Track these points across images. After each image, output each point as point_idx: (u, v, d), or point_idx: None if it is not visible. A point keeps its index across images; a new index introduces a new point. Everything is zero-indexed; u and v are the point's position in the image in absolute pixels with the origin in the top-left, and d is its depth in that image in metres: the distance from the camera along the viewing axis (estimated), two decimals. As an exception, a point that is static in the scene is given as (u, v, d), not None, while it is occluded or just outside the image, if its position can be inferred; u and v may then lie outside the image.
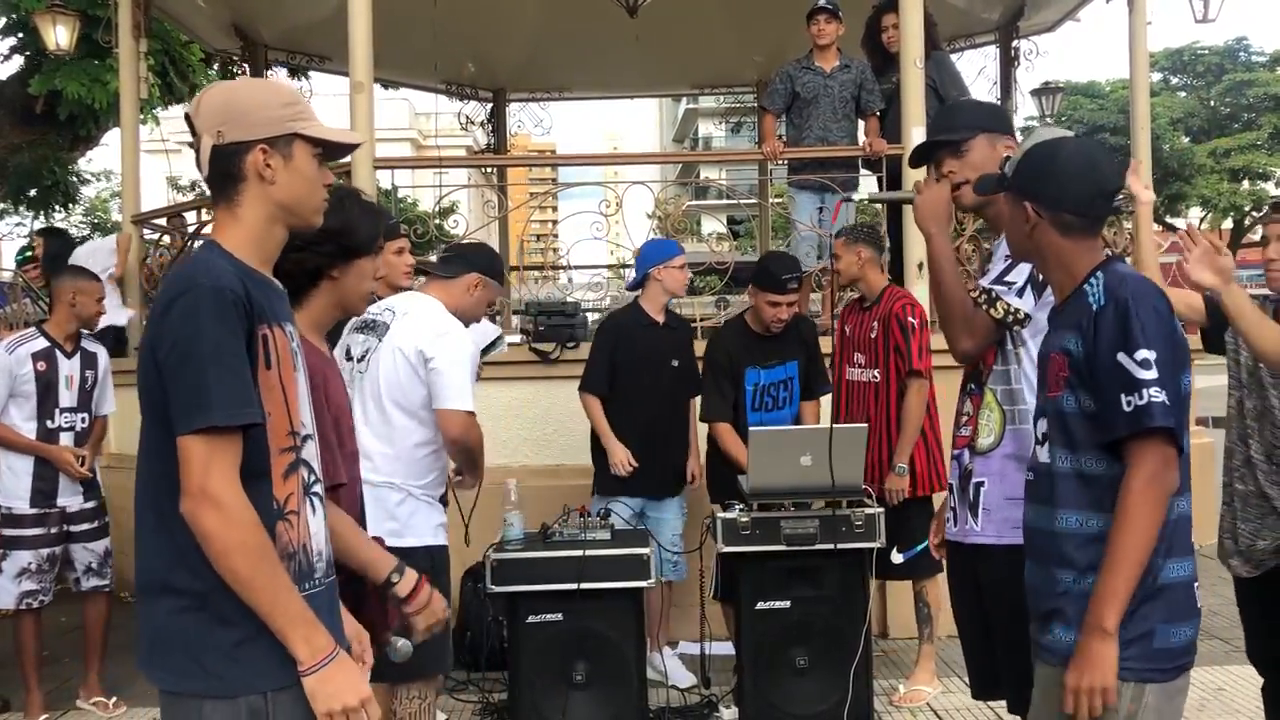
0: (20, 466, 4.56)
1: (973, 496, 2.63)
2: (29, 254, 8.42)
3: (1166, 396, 1.97)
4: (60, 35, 9.32)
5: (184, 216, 7.66)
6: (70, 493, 4.64)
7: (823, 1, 6.09)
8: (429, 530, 3.28)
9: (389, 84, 10.32)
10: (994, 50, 8.87)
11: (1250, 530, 3.11)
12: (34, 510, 4.55)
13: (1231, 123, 29.04)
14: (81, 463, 4.63)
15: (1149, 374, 1.97)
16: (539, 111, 10.64)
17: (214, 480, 1.69)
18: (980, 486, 2.61)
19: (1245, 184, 28.14)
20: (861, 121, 6.31)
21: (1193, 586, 2.07)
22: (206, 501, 1.68)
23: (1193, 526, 2.10)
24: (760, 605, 4.02)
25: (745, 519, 3.98)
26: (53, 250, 6.98)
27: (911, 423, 4.46)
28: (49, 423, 4.60)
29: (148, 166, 7.52)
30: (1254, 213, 27.68)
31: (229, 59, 9.54)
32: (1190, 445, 2.06)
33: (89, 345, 4.80)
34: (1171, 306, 2.08)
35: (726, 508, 4.05)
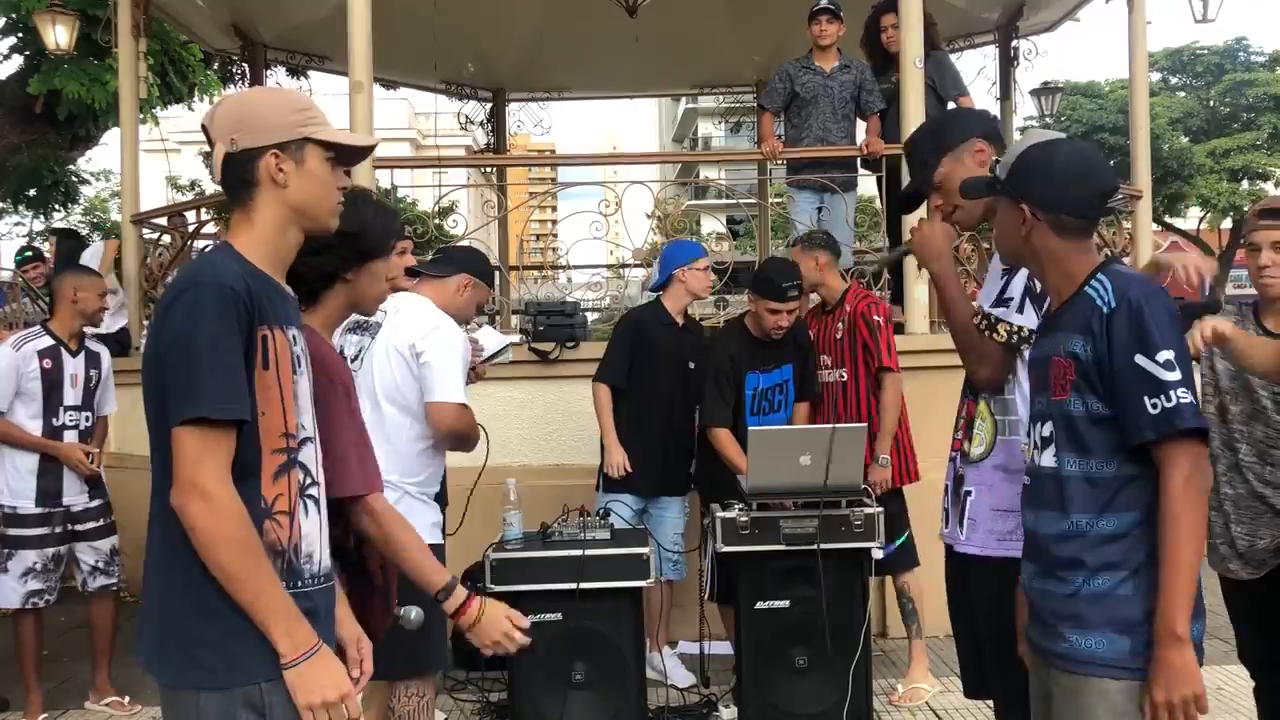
0: (25, 465, 4.55)
1: (962, 504, 2.63)
2: (29, 254, 8.43)
3: (1192, 396, 1.96)
4: (60, 35, 9.32)
5: (184, 216, 7.66)
6: (75, 491, 4.63)
7: (825, 2, 6.10)
8: (425, 529, 3.28)
9: (388, 84, 10.31)
10: (993, 50, 8.87)
11: (1247, 532, 3.09)
12: (39, 510, 4.54)
13: (1231, 123, 29.00)
14: (91, 459, 4.63)
15: (1174, 375, 1.96)
16: (538, 111, 10.64)
17: (203, 473, 1.71)
18: (969, 496, 2.61)
19: (1245, 184, 28.09)
20: (862, 122, 6.31)
21: (1200, 586, 2.04)
22: (195, 493, 1.71)
23: None
24: (759, 605, 4.02)
25: (744, 518, 3.98)
26: (66, 250, 6.99)
27: (890, 414, 4.56)
28: (54, 420, 4.59)
29: (147, 166, 7.51)
30: (1253, 213, 27.58)
31: (228, 59, 9.54)
32: None
33: (92, 345, 4.81)
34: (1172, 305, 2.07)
35: (726, 507, 4.05)
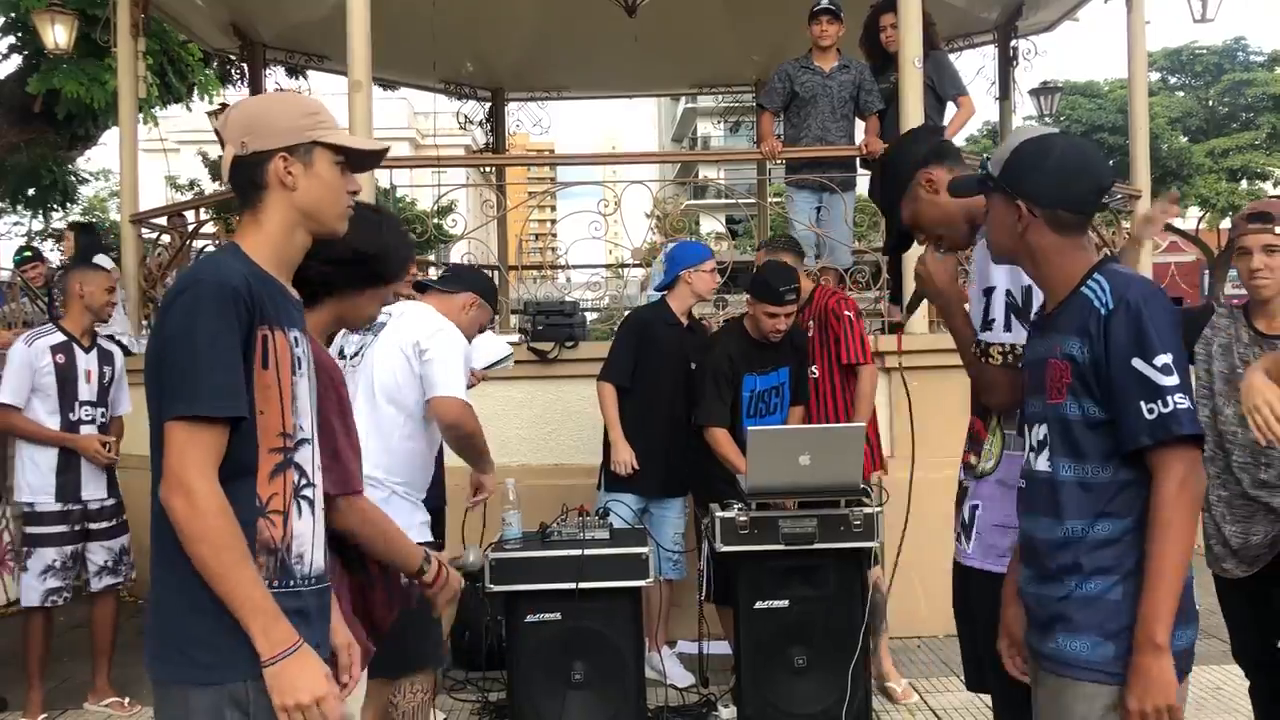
0: (45, 461, 4.57)
1: (967, 517, 2.65)
2: (28, 254, 8.42)
3: (1190, 401, 1.93)
4: (59, 35, 9.32)
5: (183, 215, 7.66)
6: (94, 487, 4.65)
7: (825, 3, 6.10)
8: (414, 528, 3.29)
9: (387, 84, 10.31)
10: (992, 50, 8.88)
11: (1240, 530, 3.11)
12: (58, 506, 4.56)
13: (1230, 122, 29.01)
14: (109, 449, 4.64)
15: (1171, 380, 1.92)
16: (537, 111, 10.64)
17: (189, 468, 1.72)
18: (975, 510, 2.63)
19: (1244, 184, 28.09)
20: (861, 122, 6.32)
21: (1190, 591, 2.01)
22: (179, 488, 1.72)
23: None
24: (759, 605, 4.02)
25: (744, 518, 3.98)
26: (83, 245, 6.97)
27: (864, 404, 4.67)
28: (70, 416, 4.61)
29: (146, 166, 7.51)
30: (1252, 213, 27.59)
31: (227, 58, 9.54)
32: None
33: (105, 344, 4.83)
34: (1173, 307, 2.03)
35: (725, 507, 4.05)
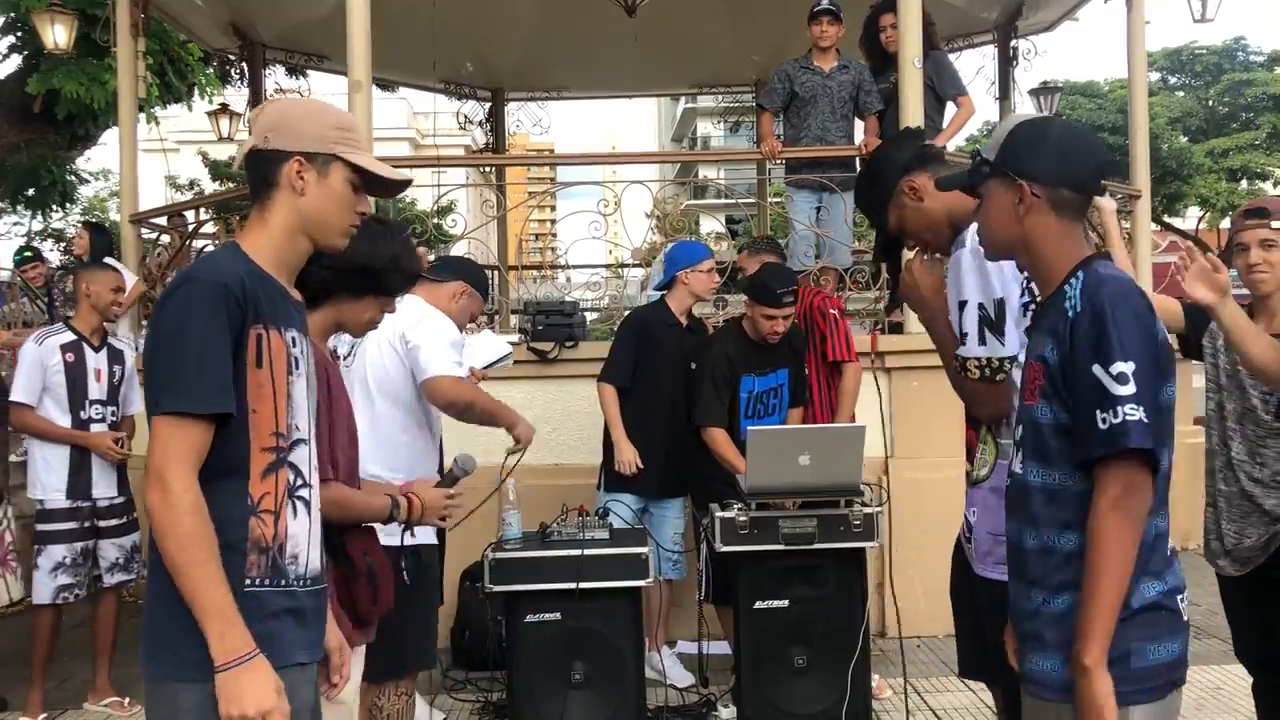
0: (56, 459, 4.59)
1: (967, 524, 2.66)
2: (28, 254, 8.43)
3: (1145, 413, 1.82)
4: (58, 34, 9.32)
5: (183, 216, 7.67)
6: (104, 485, 4.66)
7: (825, 3, 6.10)
8: (419, 529, 3.28)
9: (385, 85, 10.30)
10: (992, 50, 8.87)
11: (1235, 530, 3.13)
12: (67, 503, 4.58)
13: (1230, 122, 29.01)
14: (121, 445, 4.65)
15: (1125, 389, 1.82)
16: (537, 111, 10.64)
17: (167, 463, 1.73)
18: (974, 516, 2.64)
19: (1243, 183, 28.09)
20: (860, 121, 6.32)
21: (1176, 599, 1.93)
22: (156, 482, 1.73)
23: (1186, 528, 2.00)
24: (758, 605, 4.02)
25: (743, 518, 3.98)
26: (97, 244, 6.96)
27: (848, 400, 4.72)
28: (81, 414, 4.64)
29: (146, 166, 7.51)
30: (1252, 213, 27.60)
31: (227, 58, 9.53)
32: (1172, 455, 1.92)
33: (115, 343, 4.84)
34: (1154, 310, 1.93)
35: (725, 507, 4.05)
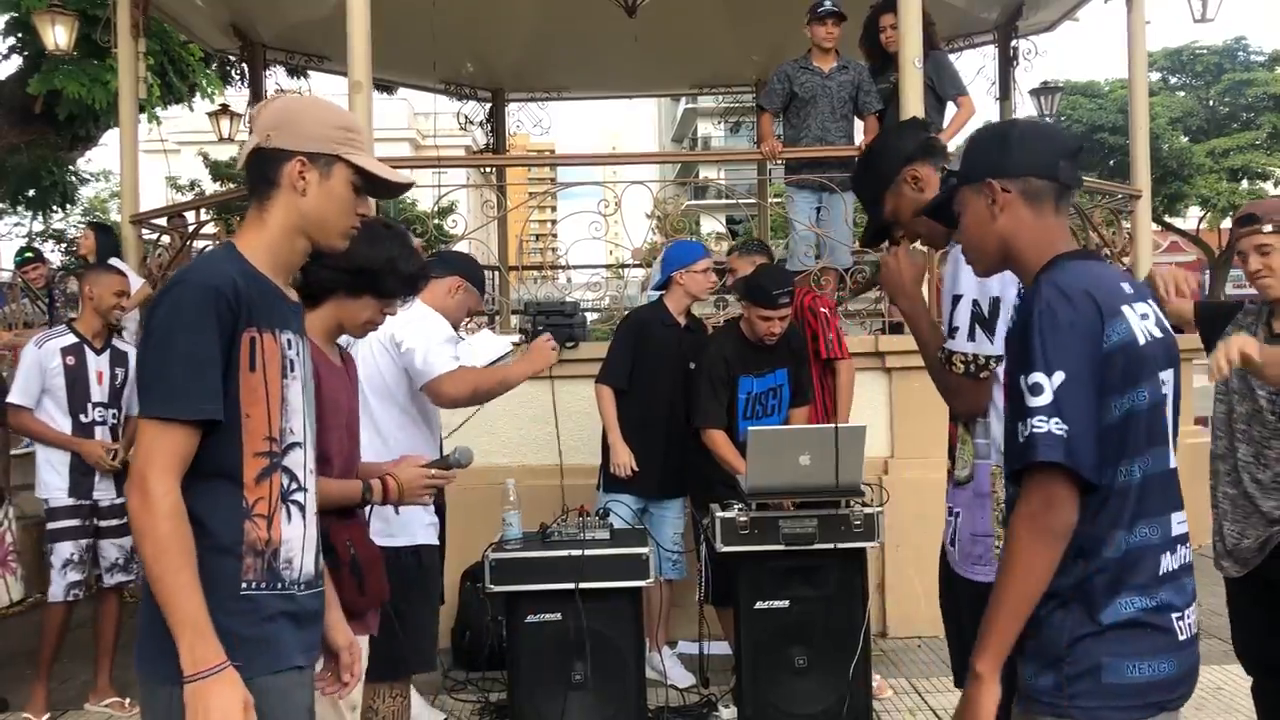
0: (58, 460, 4.63)
1: (951, 524, 2.66)
2: (29, 254, 8.43)
3: (1060, 425, 1.75)
4: (59, 35, 9.32)
5: (183, 216, 7.66)
6: (105, 486, 4.68)
7: (829, 5, 6.11)
8: (420, 529, 3.29)
9: (385, 86, 10.29)
10: (992, 50, 8.87)
11: (1237, 530, 3.16)
12: (70, 501, 4.61)
13: (1230, 122, 29.00)
14: (114, 456, 4.65)
15: (1038, 400, 1.77)
16: (538, 111, 10.65)
17: (150, 467, 1.73)
18: (957, 517, 2.63)
19: (1244, 183, 28.08)
20: (860, 121, 6.32)
21: (1169, 617, 1.84)
22: (138, 485, 1.72)
23: (1189, 529, 1.94)
24: (759, 605, 4.02)
25: (744, 519, 3.98)
26: (103, 245, 6.95)
27: (845, 397, 4.78)
28: (82, 417, 4.65)
29: (146, 166, 7.51)
30: (1252, 212, 27.63)
31: (227, 59, 9.54)
32: (1146, 467, 1.83)
33: (119, 344, 4.83)
34: (1112, 316, 1.81)
35: (726, 507, 4.04)
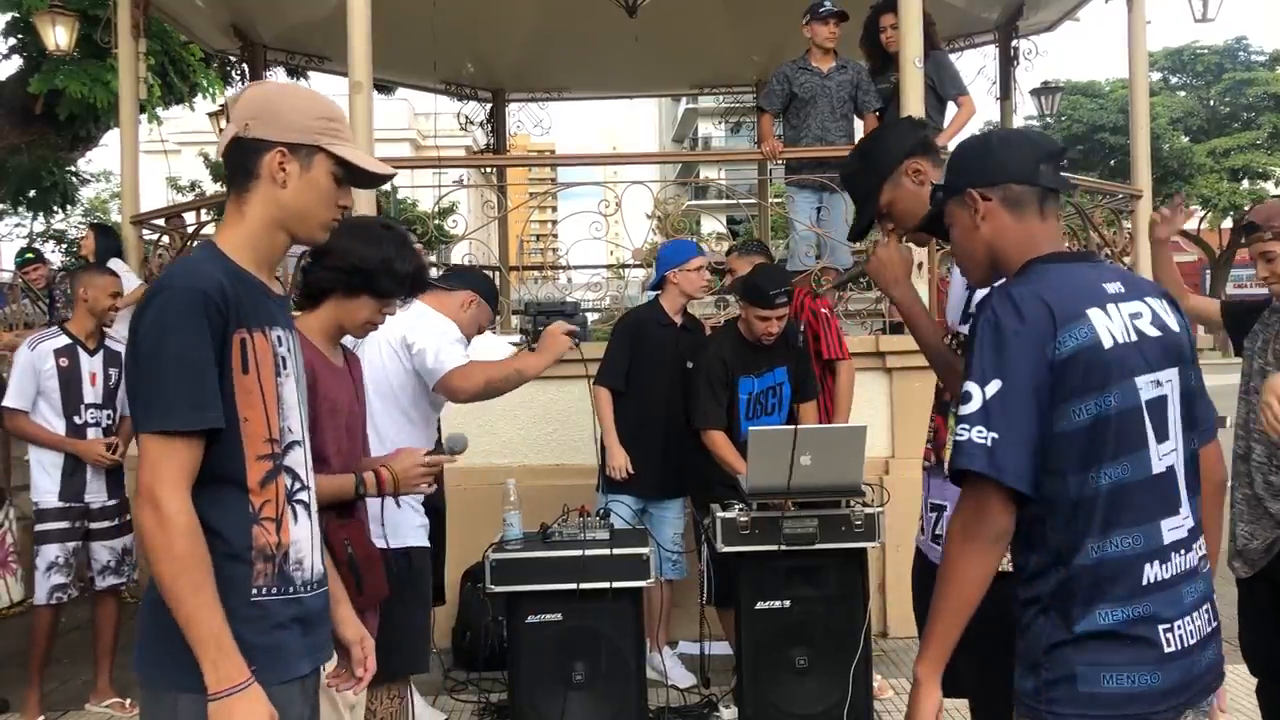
0: (50, 463, 4.61)
1: (934, 519, 2.65)
2: (29, 255, 8.42)
3: (985, 433, 1.74)
4: (59, 35, 9.32)
5: (183, 217, 7.66)
6: (96, 488, 4.67)
7: (830, 6, 6.12)
8: (410, 531, 3.29)
9: (384, 86, 10.28)
10: (993, 50, 8.87)
11: (1248, 531, 3.17)
12: (60, 504, 4.59)
13: (1231, 122, 29.05)
14: (114, 450, 4.64)
15: (965, 408, 1.78)
16: (538, 111, 10.64)
17: (159, 483, 1.68)
18: (941, 511, 2.62)
19: (1245, 183, 28.14)
20: (859, 121, 6.32)
21: (1155, 629, 1.79)
22: (148, 503, 1.68)
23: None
24: (760, 605, 4.02)
25: (744, 519, 3.98)
26: (101, 246, 6.96)
27: (845, 398, 4.79)
28: (76, 419, 4.64)
29: (147, 167, 7.51)
30: (1253, 212, 27.68)
31: (227, 59, 9.53)
32: (1117, 475, 1.79)
33: (113, 344, 4.81)
34: (1057, 320, 1.78)
35: (726, 507, 4.04)
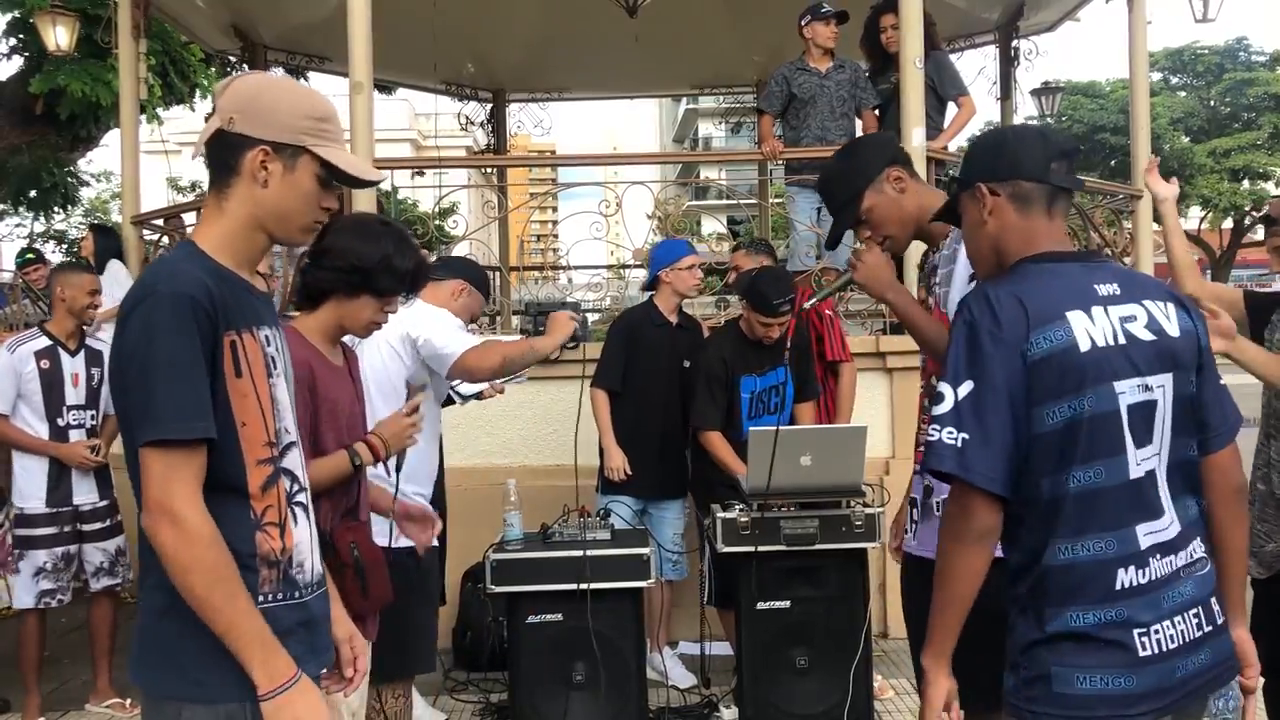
0: (35, 466, 4.56)
1: (937, 511, 2.61)
2: (30, 255, 8.42)
3: (955, 434, 1.76)
4: (60, 36, 9.32)
5: (183, 217, 7.65)
6: (85, 491, 4.62)
7: (829, 7, 6.13)
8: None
9: (384, 87, 10.27)
10: (993, 50, 8.86)
11: (1264, 531, 3.13)
12: (48, 509, 4.55)
13: (1231, 122, 29.03)
14: (96, 451, 4.61)
15: (939, 409, 1.79)
16: (539, 112, 10.63)
17: (172, 496, 1.63)
18: (914, 504, 2.62)
19: (1245, 184, 28.12)
20: (859, 120, 6.32)
21: (1131, 633, 1.79)
22: (164, 517, 1.63)
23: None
24: (760, 605, 4.01)
25: (745, 519, 3.98)
26: (101, 247, 6.94)
27: (846, 399, 4.82)
28: (59, 421, 4.59)
29: (147, 167, 7.51)
30: (1254, 212, 27.72)
31: (228, 60, 9.54)
32: (1102, 476, 1.79)
33: (94, 343, 4.76)
34: (1031, 322, 1.79)
35: (726, 507, 4.04)
